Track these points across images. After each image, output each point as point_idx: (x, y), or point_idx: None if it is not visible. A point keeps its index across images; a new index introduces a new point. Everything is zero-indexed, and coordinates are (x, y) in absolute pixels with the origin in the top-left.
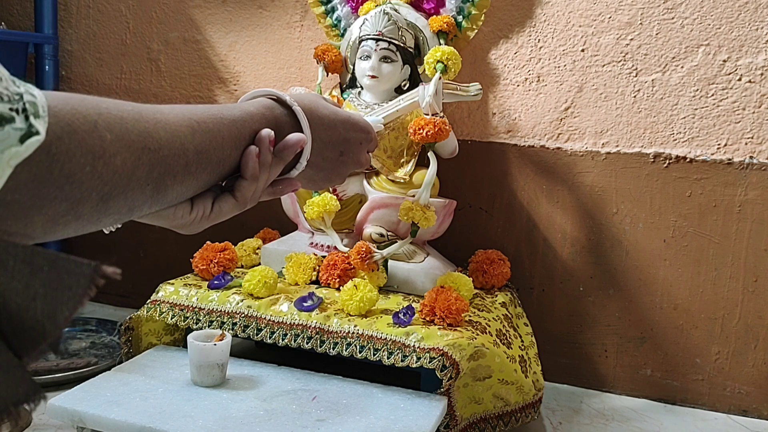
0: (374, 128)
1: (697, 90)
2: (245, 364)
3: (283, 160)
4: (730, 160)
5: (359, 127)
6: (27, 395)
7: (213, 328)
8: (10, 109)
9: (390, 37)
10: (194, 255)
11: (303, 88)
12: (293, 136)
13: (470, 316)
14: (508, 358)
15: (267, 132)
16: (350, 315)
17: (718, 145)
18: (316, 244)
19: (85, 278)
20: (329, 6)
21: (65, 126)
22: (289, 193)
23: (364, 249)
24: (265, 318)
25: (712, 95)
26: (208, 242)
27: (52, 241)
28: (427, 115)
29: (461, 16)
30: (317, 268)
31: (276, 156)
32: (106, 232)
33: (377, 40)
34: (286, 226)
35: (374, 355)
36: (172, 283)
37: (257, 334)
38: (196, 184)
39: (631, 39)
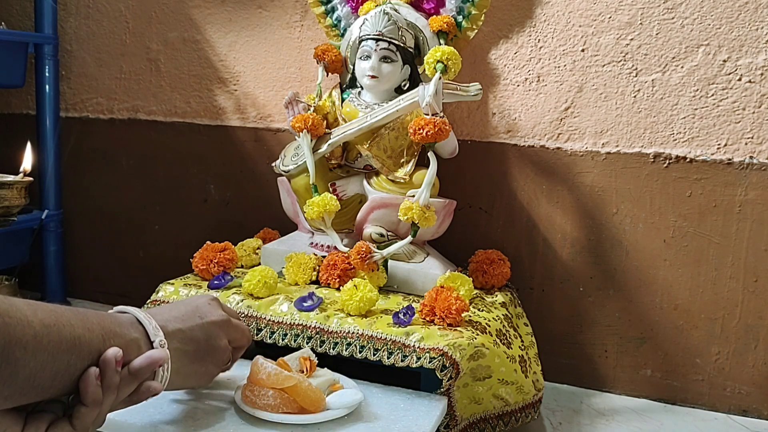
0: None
1: (697, 90)
2: (245, 364)
3: (138, 378)
4: (730, 160)
5: (198, 295)
6: None
7: None
8: None
9: (390, 37)
10: (194, 255)
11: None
12: (151, 355)
13: (470, 316)
14: (508, 358)
15: (113, 352)
16: (350, 315)
17: (718, 145)
18: (316, 244)
19: None
20: (329, 6)
21: None
22: (148, 398)
23: (364, 249)
24: (265, 318)
25: (712, 95)
26: (208, 242)
27: (53, 241)
28: (427, 115)
29: (461, 16)
30: (317, 268)
31: (130, 374)
32: None
33: (377, 40)
34: (286, 226)
35: (374, 355)
36: (172, 283)
37: (257, 334)
38: (53, 362)
39: (631, 39)
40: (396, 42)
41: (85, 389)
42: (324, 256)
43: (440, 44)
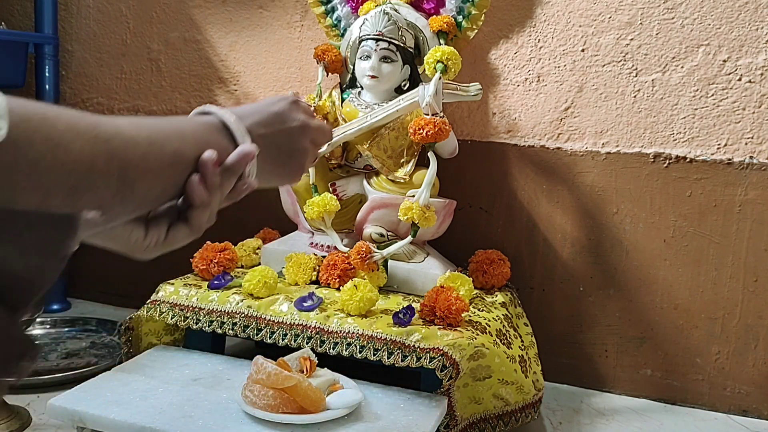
0: None
1: (697, 90)
2: (245, 364)
3: (235, 173)
4: (730, 160)
5: (278, 97)
6: (24, 351)
7: (213, 328)
8: None
9: (390, 37)
10: (194, 255)
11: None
12: (243, 149)
13: (470, 316)
14: (508, 358)
15: (208, 155)
16: (350, 315)
17: (718, 145)
18: (316, 244)
19: (65, 230)
20: (329, 6)
21: (19, 114)
22: (245, 194)
23: (364, 249)
24: (265, 318)
25: (712, 95)
26: (208, 242)
27: None
28: (427, 115)
29: (461, 16)
30: (317, 268)
31: (227, 171)
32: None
33: (377, 40)
34: (286, 226)
35: (374, 355)
36: (172, 283)
37: (257, 334)
38: (162, 177)
39: (631, 39)
40: (396, 42)
41: (192, 193)
42: (324, 256)
43: (440, 44)
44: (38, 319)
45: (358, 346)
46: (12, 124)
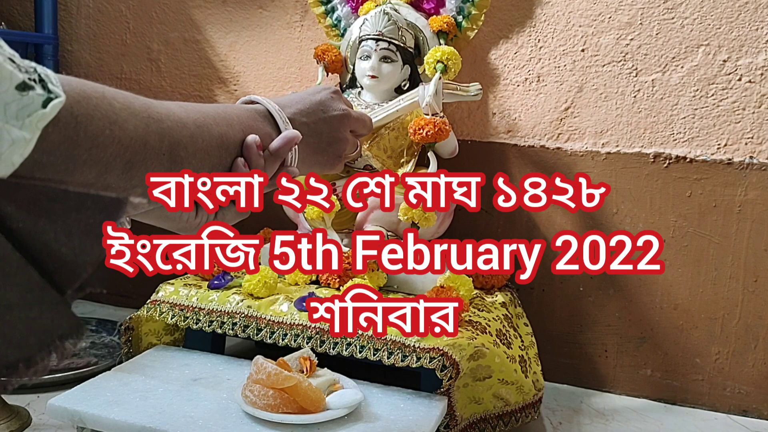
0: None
1: (697, 90)
2: (245, 364)
3: (278, 158)
4: (730, 160)
5: (320, 87)
6: (71, 330)
7: (213, 328)
8: (29, 79)
9: (390, 37)
10: None
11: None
12: (286, 135)
13: (470, 316)
14: (508, 358)
15: (252, 138)
16: None
17: (718, 145)
18: None
19: (111, 213)
20: (329, 6)
21: (79, 92)
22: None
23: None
24: (265, 318)
25: (712, 95)
26: None
27: None
28: (427, 115)
29: (461, 16)
30: None
31: (271, 155)
32: (127, 225)
33: (377, 40)
34: (286, 226)
35: (374, 355)
36: (172, 283)
37: (257, 334)
38: (208, 159)
39: (631, 39)
40: (396, 42)
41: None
42: None
43: (440, 44)
44: None
45: (358, 346)
46: (74, 101)
